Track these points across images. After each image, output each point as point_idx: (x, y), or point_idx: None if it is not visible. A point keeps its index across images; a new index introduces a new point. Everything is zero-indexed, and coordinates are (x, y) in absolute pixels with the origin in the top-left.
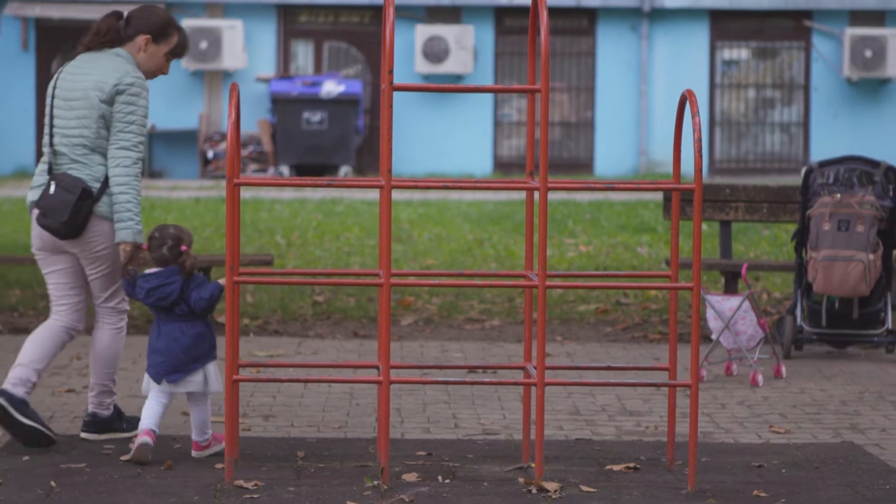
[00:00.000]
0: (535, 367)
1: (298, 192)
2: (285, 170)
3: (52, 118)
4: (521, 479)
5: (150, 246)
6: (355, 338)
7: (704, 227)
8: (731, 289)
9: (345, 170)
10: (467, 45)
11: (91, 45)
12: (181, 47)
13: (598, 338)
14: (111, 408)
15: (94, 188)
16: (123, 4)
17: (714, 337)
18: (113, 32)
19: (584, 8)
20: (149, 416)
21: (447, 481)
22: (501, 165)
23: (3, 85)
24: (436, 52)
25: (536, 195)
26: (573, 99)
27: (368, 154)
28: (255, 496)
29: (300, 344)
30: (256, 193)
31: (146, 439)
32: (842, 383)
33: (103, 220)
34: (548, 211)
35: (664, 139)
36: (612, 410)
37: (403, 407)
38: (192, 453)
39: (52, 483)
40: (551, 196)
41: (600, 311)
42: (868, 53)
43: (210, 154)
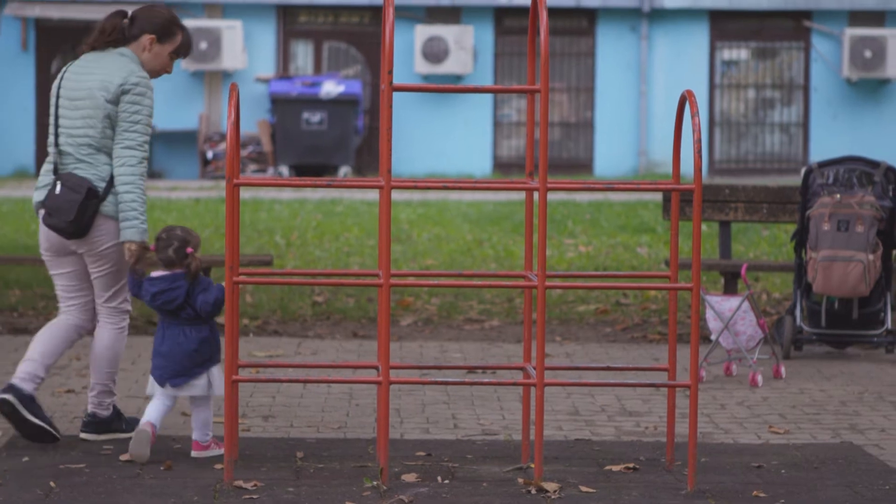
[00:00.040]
0: (534, 368)
1: (298, 193)
2: (285, 170)
3: (56, 118)
4: (521, 480)
5: (156, 247)
6: (355, 338)
7: (704, 227)
8: (730, 289)
9: (344, 170)
10: (467, 46)
11: (96, 45)
12: (185, 47)
13: (597, 338)
14: (111, 408)
15: (99, 188)
16: (123, 4)
17: (713, 337)
18: (118, 32)
19: (584, 8)
20: (151, 412)
21: (446, 482)
22: (501, 166)
23: (3, 85)
24: (435, 52)
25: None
26: (573, 99)
27: (368, 154)
28: (255, 497)
29: (300, 344)
30: (256, 194)
31: (145, 428)
32: (841, 384)
33: (109, 220)
34: (547, 211)
35: (664, 139)
36: (611, 411)
37: (403, 407)
38: (191, 453)
39: (52, 483)
40: (551, 196)
41: (600, 312)
42: (867, 54)
43: (210, 154)
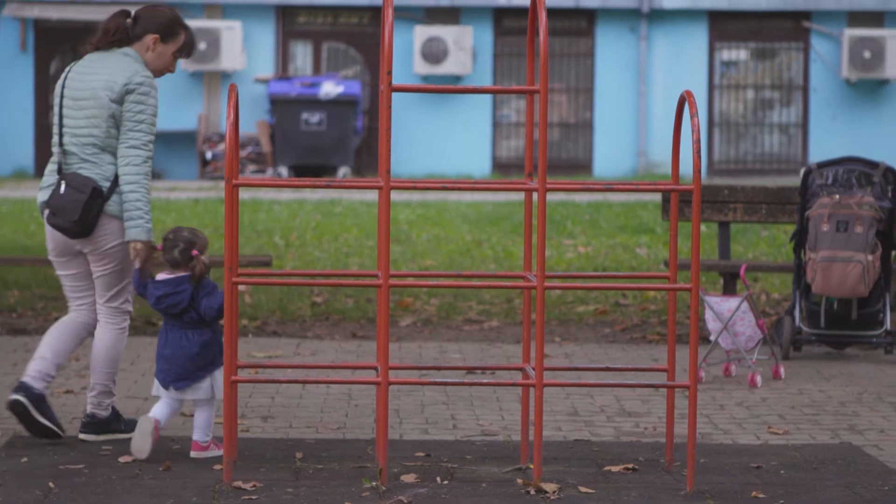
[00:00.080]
0: (533, 368)
1: (297, 193)
2: (284, 171)
3: (61, 118)
4: (520, 480)
5: (163, 247)
6: (354, 339)
7: (703, 227)
8: (729, 290)
9: (343, 171)
10: (466, 46)
11: (100, 45)
12: (188, 46)
13: (596, 339)
14: (110, 409)
15: (104, 187)
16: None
17: (713, 338)
18: (121, 32)
19: (583, 9)
20: (157, 409)
21: (445, 482)
22: (500, 166)
23: (2, 86)
24: (434, 52)
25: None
26: (572, 100)
27: (367, 155)
28: (254, 497)
29: (299, 345)
30: (255, 194)
31: (149, 421)
32: (840, 384)
33: (113, 219)
34: (546, 212)
35: (663, 140)
36: (610, 411)
37: (402, 408)
38: (190, 453)
39: (51, 484)
40: (550, 197)
41: (599, 312)
42: (867, 54)
43: (209, 155)
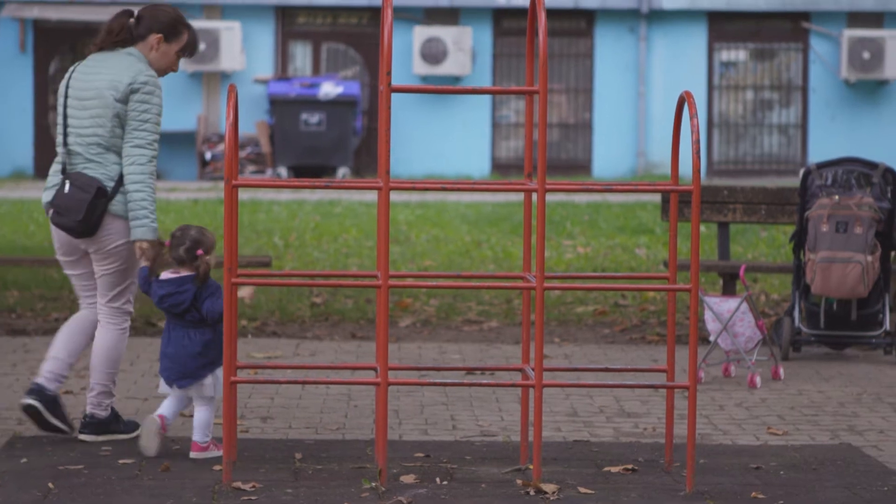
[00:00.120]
0: (532, 369)
1: (296, 194)
2: (283, 171)
3: (65, 118)
4: (519, 481)
5: (170, 244)
6: (353, 339)
7: (702, 228)
8: (729, 290)
9: (343, 171)
10: (465, 47)
11: (104, 45)
12: (191, 45)
13: (595, 339)
14: (109, 409)
15: (108, 187)
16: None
17: (712, 338)
18: (125, 32)
19: (582, 9)
20: (164, 407)
21: (445, 483)
22: (499, 167)
23: (1, 86)
24: (434, 53)
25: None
26: (571, 100)
27: (366, 155)
28: (253, 498)
29: (298, 345)
30: (254, 195)
31: (154, 419)
32: (840, 385)
33: (117, 219)
34: (546, 212)
35: (662, 141)
36: (610, 412)
37: (401, 408)
38: (190, 454)
39: (50, 485)
40: (549, 197)
41: (598, 313)
42: (866, 55)
43: (208, 155)
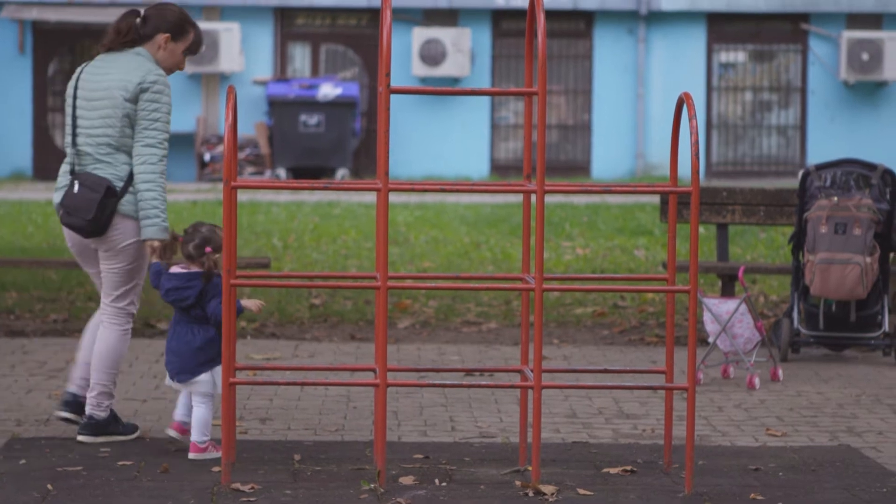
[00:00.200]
0: (531, 370)
1: (295, 195)
2: (282, 172)
3: (74, 118)
4: (518, 483)
5: (182, 239)
6: (352, 341)
7: (701, 229)
8: (727, 292)
9: (342, 172)
10: (464, 48)
11: (112, 46)
12: (197, 43)
13: (594, 341)
14: (108, 410)
15: (118, 186)
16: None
17: (711, 340)
18: (133, 32)
19: (581, 11)
20: (178, 411)
21: (444, 484)
22: (498, 168)
23: (0, 88)
24: (433, 54)
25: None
26: (570, 102)
27: (365, 157)
28: (252, 499)
29: (297, 347)
30: (253, 196)
31: (171, 432)
32: (839, 386)
33: (126, 218)
34: (545, 214)
35: (661, 142)
36: (608, 413)
37: (400, 410)
38: (188, 455)
39: (49, 486)
40: (548, 199)
41: (597, 314)
42: (865, 56)
43: (207, 157)
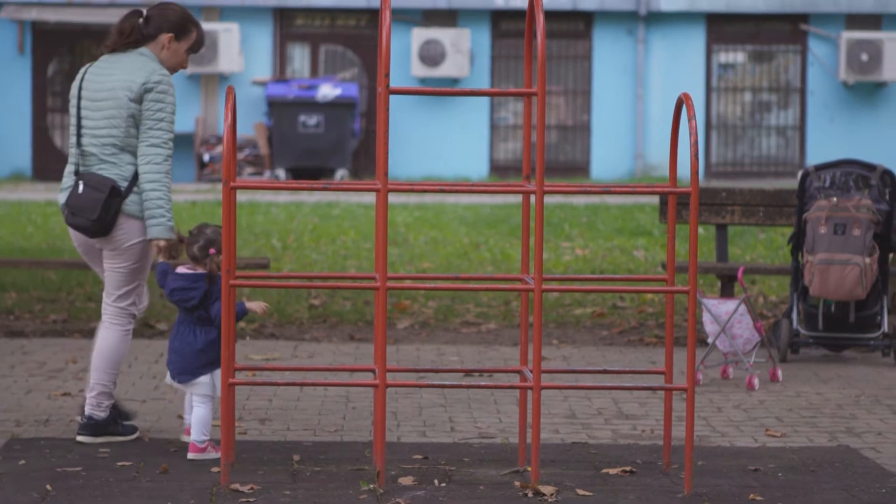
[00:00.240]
0: (531, 371)
1: (294, 196)
2: (281, 173)
3: (79, 119)
4: (517, 483)
5: (187, 240)
6: (351, 341)
7: (700, 230)
8: (727, 292)
9: (341, 173)
10: (463, 49)
11: (115, 47)
12: (199, 42)
13: (594, 341)
14: (108, 410)
15: (122, 187)
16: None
17: (710, 340)
18: (136, 32)
19: (581, 11)
20: (186, 412)
21: (443, 485)
22: (498, 169)
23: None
24: (432, 55)
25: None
26: (569, 102)
27: (365, 157)
28: (251, 500)
29: (296, 347)
30: (252, 197)
31: (187, 438)
32: (838, 387)
33: (131, 218)
34: (544, 214)
35: (660, 143)
36: (608, 414)
37: (399, 410)
38: (187, 454)
39: (48, 486)
40: (547, 199)
41: (596, 315)
42: (864, 57)
43: (206, 157)
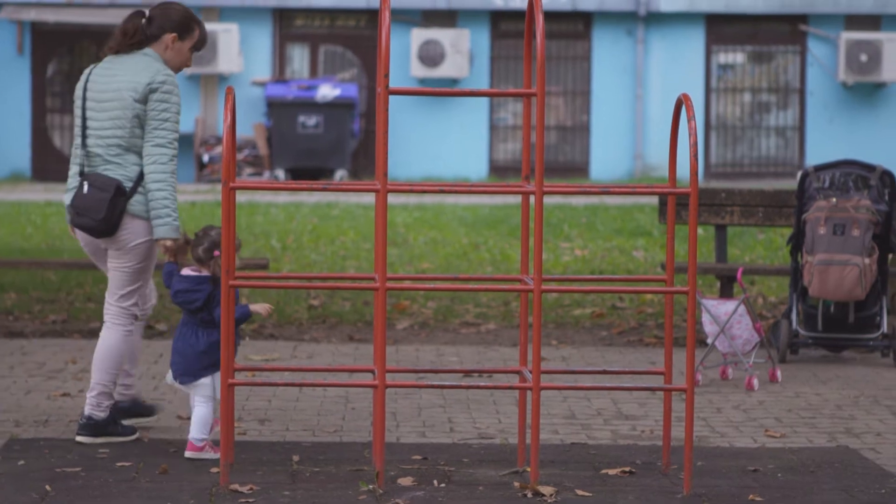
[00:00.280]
0: (530, 371)
1: (294, 196)
2: (281, 173)
3: (84, 120)
4: (517, 484)
5: (193, 242)
6: (351, 342)
7: (700, 231)
8: (726, 293)
9: (340, 174)
10: (463, 49)
11: (120, 48)
12: (202, 41)
13: (593, 342)
14: (108, 411)
15: (127, 187)
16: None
17: (709, 341)
18: (140, 33)
19: (580, 12)
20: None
21: (442, 485)
22: (497, 169)
23: None
24: (431, 55)
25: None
26: (569, 103)
27: (364, 158)
28: (251, 500)
29: (295, 348)
30: (252, 197)
31: (189, 454)
32: (837, 387)
33: (136, 218)
34: (543, 215)
35: (660, 143)
36: (607, 414)
37: (399, 411)
38: (185, 453)
39: (47, 487)
40: (547, 200)
41: (596, 315)
42: (863, 58)
43: (206, 158)
